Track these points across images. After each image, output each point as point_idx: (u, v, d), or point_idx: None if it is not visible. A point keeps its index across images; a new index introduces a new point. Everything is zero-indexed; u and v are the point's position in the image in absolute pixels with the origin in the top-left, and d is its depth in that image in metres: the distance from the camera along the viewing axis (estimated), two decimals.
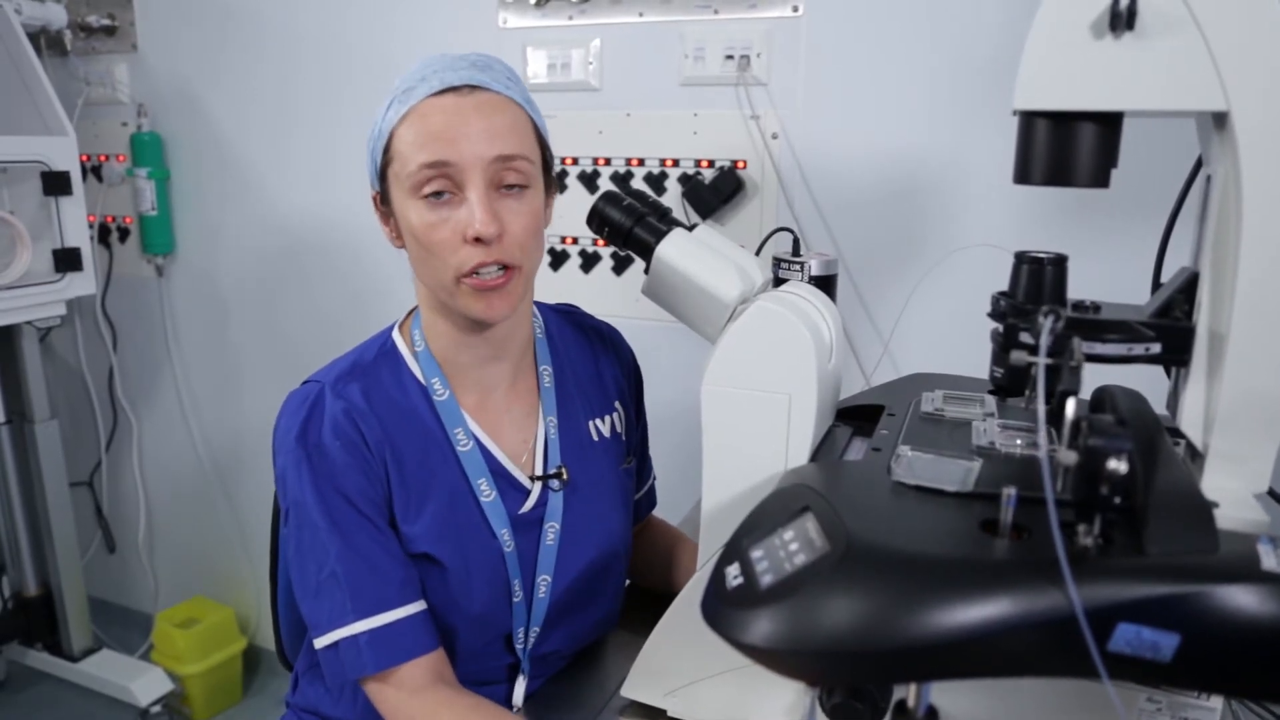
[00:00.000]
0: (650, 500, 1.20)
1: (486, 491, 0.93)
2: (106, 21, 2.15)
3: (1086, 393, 0.66)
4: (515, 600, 0.94)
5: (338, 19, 1.91)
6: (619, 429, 1.06)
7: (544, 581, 0.96)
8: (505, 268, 0.87)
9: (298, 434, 0.89)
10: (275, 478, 0.92)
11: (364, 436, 0.89)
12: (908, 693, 0.61)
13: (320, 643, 0.89)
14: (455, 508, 0.92)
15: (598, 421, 1.04)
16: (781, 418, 0.76)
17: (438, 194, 0.85)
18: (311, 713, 1.04)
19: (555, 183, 0.97)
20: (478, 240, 0.84)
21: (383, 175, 0.90)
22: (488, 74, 0.87)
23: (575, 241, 1.77)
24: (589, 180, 1.73)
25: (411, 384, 0.94)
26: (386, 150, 0.88)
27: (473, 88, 0.86)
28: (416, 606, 0.89)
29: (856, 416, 0.89)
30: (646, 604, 1.01)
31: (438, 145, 0.83)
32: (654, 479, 1.21)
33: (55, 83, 1.92)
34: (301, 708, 1.05)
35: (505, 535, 0.93)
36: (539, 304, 1.06)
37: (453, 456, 0.93)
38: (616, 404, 1.07)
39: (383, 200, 0.92)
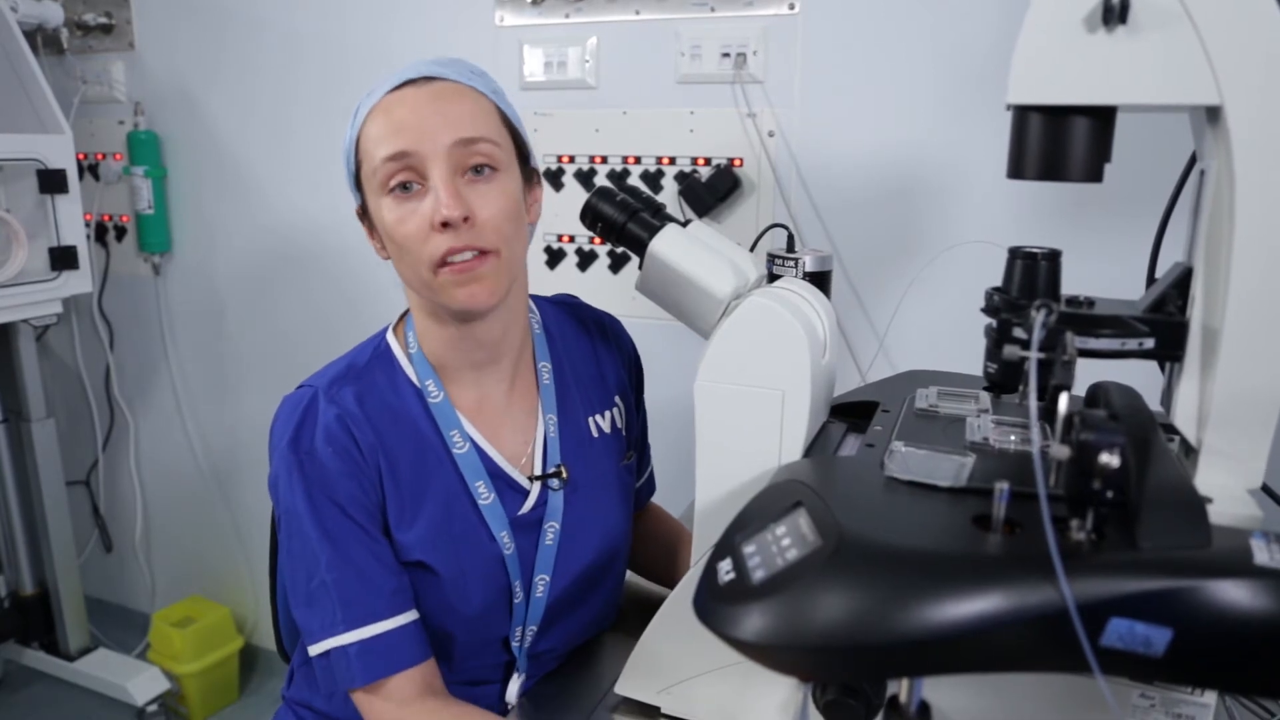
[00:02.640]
0: (650, 487, 1.20)
1: (485, 494, 0.92)
2: (103, 20, 2.15)
3: (1081, 389, 0.65)
4: (515, 601, 0.94)
5: (335, 17, 1.91)
6: (619, 424, 1.06)
7: (542, 581, 0.96)
8: (480, 253, 0.85)
9: (290, 440, 0.88)
10: (269, 482, 0.92)
11: (357, 443, 0.88)
12: (900, 688, 0.61)
13: (313, 651, 0.88)
14: (451, 512, 0.91)
15: (598, 417, 1.03)
16: (775, 413, 0.76)
17: (405, 186, 0.84)
18: (305, 707, 1.04)
19: (537, 172, 0.96)
20: (445, 225, 0.83)
21: (359, 184, 0.90)
22: (449, 69, 0.88)
23: (572, 240, 1.77)
24: (585, 178, 1.73)
25: (406, 387, 0.94)
26: (357, 155, 0.88)
27: (430, 79, 0.86)
28: (407, 617, 0.89)
29: (851, 413, 0.89)
30: (641, 602, 1.01)
31: (398, 137, 0.83)
32: (652, 466, 1.21)
33: (51, 81, 1.92)
34: (296, 701, 1.05)
35: (505, 537, 0.93)
36: (536, 298, 1.06)
37: (448, 459, 0.92)
38: (617, 398, 1.06)
39: (364, 211, 0.92)
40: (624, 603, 1.10)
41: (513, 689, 0.97)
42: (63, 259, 1.87)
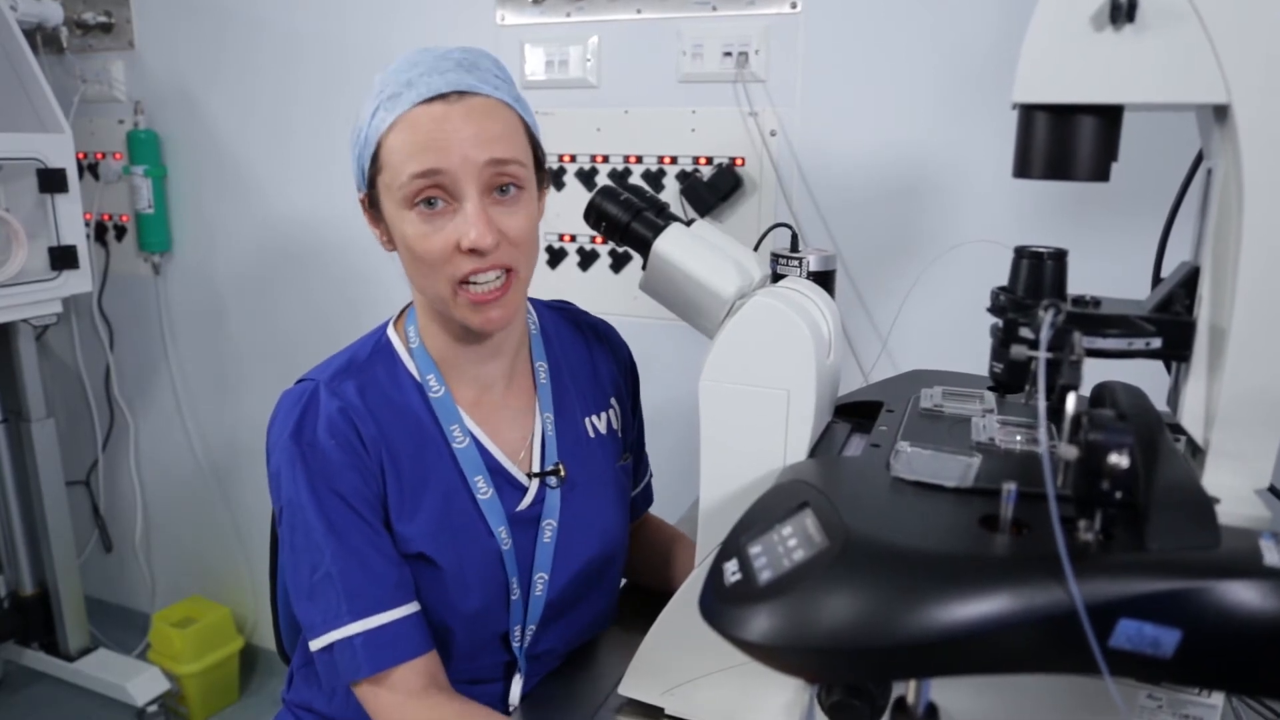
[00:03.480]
0: (647, 497, 1.20)
1: (483, 489, 0.92)
2: (103, 19, 2.14)
3: (1085, 390, 0.65)
4: (513, 598, 0.94)
5: (335, 17, 1.91)
6: (615, 426, 1.06)
7: (540, 579, 0.96)
8: (504, 272, 0.86)
9: (292, 432, 0.88)
10: (269, 477, 0.91)
11: (360, 435, 0.88)
12: (907, 690, 0.61)
13: (315, 644, 0.88)
14: (451, 506, 0.92)
15: (594, 418, 1.03)
16: (780, 413, 0.76)
17: (430, 203, 0.84)
18: (306, 709, 1.04)
19: (548, 178, 0.97)
20: (473, 250, 0.83)
21: (372, 183, 0.89)
22: (475, 74, 0.86)
23: (573, 239, 1.77)
24: (587, 177, 1.73)
25: (407, 381, 0.94)
26: (375, 159, 0.87)
27: (461, 94, 0.84)
28: (411, 608, 0.89)
29: (855, 413, 0.88)
30: (643, 603, 1.01)
31: (428, 154, 0.82)
32: (650, 476, 1.20)
33: (51, 80, 1.92)
34: (296, 704, 1.05)
35: (503, 533, 0.93)
36: (533, 300, 1.06)
37: (448, 454, 0.92)
38: (612, 400, 1.06)
39: (371, 204, 0.91)
40: (626, 602, 1.10)
41: (514, 690, 0.97)
42: (62, 258, 1.87)
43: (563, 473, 0.97)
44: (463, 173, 0.82)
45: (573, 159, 1.73)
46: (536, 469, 0.97)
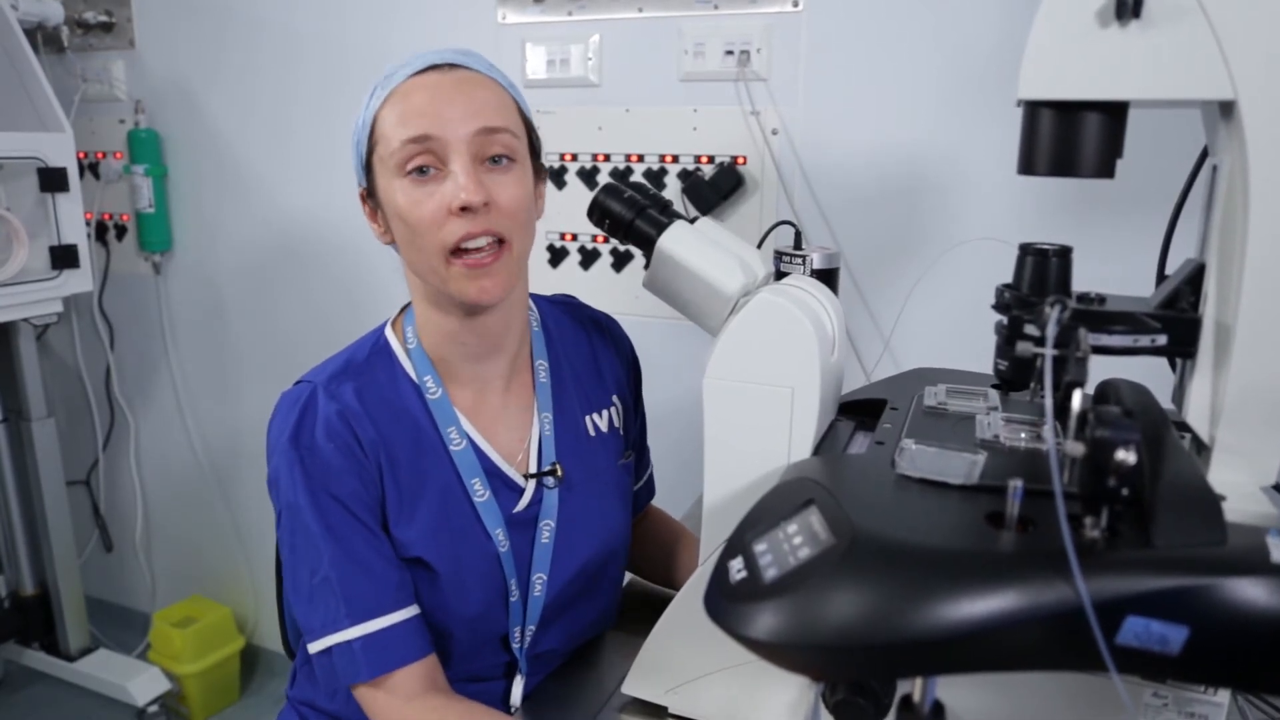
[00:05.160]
0: (649, 490, 1.20)
1: (480, 491, 0.92)
2: (104, 18, 2.14)
3: (1089, 388, 0.65)
4: (512, 600, 0.94)
5: (335, 17, 1.91)
6: (616, 423, 1.05)
7: (539, 580, 0.95)
8: (497, 242, 0.86)
9: (290, 436, 0.88)
10: (268, 480, 0.91)
11: (358, 438, 0.88)
12: (913, 688, 0.60)
13: (314, 648, 0.87)
14: (448, 509, 0.91)
15: (595, 416, 1.03)
16: (784, 411, 0.76)
17: (422, 170, 0.84)
18: (309, 706, 1.03)
19: (544, 169, 0.97)
20: (464, 210, 0.83)
21: (368, 166, 0.89)
22: (468, 58, 0.89)
23: (575, 238, 1.76)
24: (588, 176, 1.72)
25: (405, 382, 0.93)
26: (371, 136, 0.88)
27: (453, 65, 0.87)
28: (410, 611, 0.88)
29: (859, 411, 0.88)
30: (645, 602, 1.01)
31: (421, 120, 0.83)
32: (651, 469, 1.20)
33: (52, 79, 1.92)
34: (300, 701, 1.05)
35: (500, 535, 0.92)
36: (535, 296, 1.05)
37: (445, 456, 0.92)
38: (614, 397, 1.06)
39: (369, 194, 0.91)
40: (628, 601, 1.10)
41: (516, 690, 0.97)
42: (63, 258, 1.86)
43: (560, 473, 0.97)
44: (454, 139, 0.83)
45: (574, 158, 1.73)
46: (534, 469, 0.97)
